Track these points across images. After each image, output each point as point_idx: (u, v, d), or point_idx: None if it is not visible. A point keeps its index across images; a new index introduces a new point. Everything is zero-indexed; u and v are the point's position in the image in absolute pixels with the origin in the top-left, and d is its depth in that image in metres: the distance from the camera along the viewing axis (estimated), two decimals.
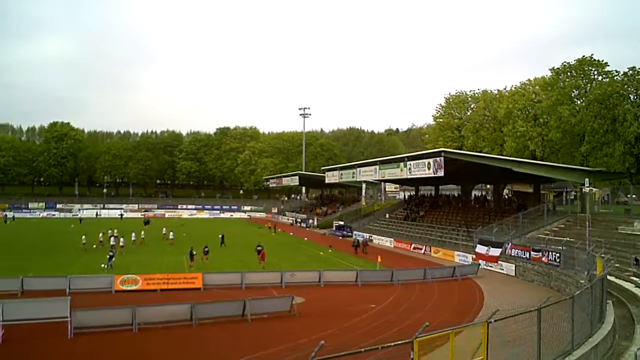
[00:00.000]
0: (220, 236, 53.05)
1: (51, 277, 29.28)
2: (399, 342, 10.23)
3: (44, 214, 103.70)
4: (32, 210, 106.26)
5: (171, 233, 56.15)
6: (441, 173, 40.60)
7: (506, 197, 61.10)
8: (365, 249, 48.85)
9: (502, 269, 37.07)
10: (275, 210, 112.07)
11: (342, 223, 71.25)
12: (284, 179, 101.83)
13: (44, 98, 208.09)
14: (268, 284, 30.08)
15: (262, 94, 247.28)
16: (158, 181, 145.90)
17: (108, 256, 37.19)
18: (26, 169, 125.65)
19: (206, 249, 40.98)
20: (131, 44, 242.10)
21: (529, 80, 66.03)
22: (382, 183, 79.42)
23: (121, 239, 48.69)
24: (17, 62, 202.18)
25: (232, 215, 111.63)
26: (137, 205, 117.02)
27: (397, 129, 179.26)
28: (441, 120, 77.94)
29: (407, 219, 62.83)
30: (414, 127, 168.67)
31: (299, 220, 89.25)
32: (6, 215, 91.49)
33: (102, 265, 36.21)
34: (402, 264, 39.89)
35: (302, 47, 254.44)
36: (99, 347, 18.59)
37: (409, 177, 47.26)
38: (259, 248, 40.46)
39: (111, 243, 46.50)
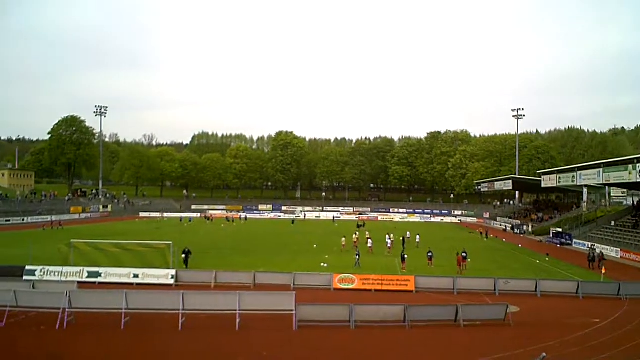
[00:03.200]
0: (401, 238, 53.70)
1: (278, 273, 32.34)
2: None
3: (272, 215, 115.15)
4: (261, 212, 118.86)
5: (417, 236, 57.48)
6: None
7: None
8: (601, 264, 41.17)
9: None
10: (486, 215, 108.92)
11: (560, 230, 66.65)
12: (496, 183, 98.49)
13: (270, 109, 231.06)
14: (481, 291, 29.74)
15: (472, 97, 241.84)
16: (371, 185, 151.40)
17: (356, 256, 40.16)
18: (257, 175, 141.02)
19: (430, 254, 41.51)
20: (350, 61, 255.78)
21: None
22: (607, 187, 73.14)
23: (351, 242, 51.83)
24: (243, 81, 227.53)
25: (442, 220, 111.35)
26: (352, 209, 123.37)
27: (623, 127, 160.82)
28: None
29: (637, 227, 56.32)
30: None
31: (513, 226, 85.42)
32: (240, 215, 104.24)
33: (322, 264, 39.30)
34: (631, 277, 36.32)
35: (513, 46, 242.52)
36: (321, 341, 19.97)
37: (638, 181, 43.02)
38: (463, 254, 39.70)
39: (368, 245, 49.48)
